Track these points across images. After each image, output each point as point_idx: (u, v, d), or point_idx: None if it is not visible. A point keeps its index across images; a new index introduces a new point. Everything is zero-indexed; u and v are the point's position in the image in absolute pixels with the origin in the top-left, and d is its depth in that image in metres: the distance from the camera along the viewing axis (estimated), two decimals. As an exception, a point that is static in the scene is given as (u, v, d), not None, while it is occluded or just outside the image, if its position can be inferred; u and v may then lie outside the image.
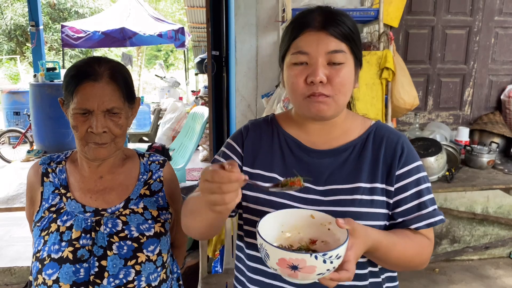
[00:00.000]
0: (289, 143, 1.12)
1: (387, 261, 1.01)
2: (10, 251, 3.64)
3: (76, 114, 1.18)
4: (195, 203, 1.01)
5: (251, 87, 3.10)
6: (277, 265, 0.81)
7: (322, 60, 0.98)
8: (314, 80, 0.97)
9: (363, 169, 1.05)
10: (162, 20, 9.55)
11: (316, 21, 0.99)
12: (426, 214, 1.05)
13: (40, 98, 6.31)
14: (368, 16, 2.72)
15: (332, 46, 0.98)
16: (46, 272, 1.17)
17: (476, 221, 3.59)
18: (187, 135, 5.34)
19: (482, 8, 3.29)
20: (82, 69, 1.19)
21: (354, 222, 0.89)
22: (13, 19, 15.86)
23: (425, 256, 1.06)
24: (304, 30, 1.00)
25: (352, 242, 0.87)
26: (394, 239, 1.00)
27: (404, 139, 1.10)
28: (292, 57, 1.01)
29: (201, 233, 1.07)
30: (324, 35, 0.98)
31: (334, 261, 0.80)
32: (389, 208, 1.05)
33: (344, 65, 0.99)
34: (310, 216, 0.94)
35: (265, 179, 1.08)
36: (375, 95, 2.64)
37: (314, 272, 0.79)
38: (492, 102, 3.50)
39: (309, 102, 1.00)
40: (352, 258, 0.86)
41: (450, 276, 3.37)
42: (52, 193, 1.27)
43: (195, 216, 1.00)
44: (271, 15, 3.00)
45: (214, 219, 0.96)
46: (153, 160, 1.39)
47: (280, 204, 1.01)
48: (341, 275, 0.83)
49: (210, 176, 0.81)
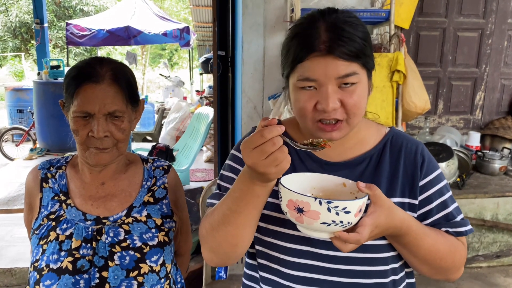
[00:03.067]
0: (299, 154, 1.05)
1: (417, 252, 0.95)
2: (11, 252, 3.59)
3: (77, 117, 1.12)
4: (229, 204, 0.91)
5: (258, 89, 3.04)
6: (286, 207, 0.82)
7: (332, 86, 0.89)
8: (326, 110, 0.89)
9: (381, 183, 1.00)
10: (167, 19, 9.53)
11: (321, 42, 0.88)
12: (454, 223, 1.00)
13: (44, 96, 6.30)
14: (378, 18, 2.66)
15: (342, 70, 0.88)
16: (44, 283, 1.12)
17: (486, 228, 3.52)
18: (192, 136, 5.29)
19: (495, 10, 3.22)
20: (83, 70, 1.14)
21: (378, 189, 0.85)
22: (18, 16, 15.91)
23: (458, 258, 1.00)
24: (309, 54, 0.89)
25: (372, 210, 0.84)
26: (426, 229, 0.95)
27: (423, 147, 1.05)
28: (299, 82, 0.92)
29: (238, 243, 0.94)
30: (332, 59, 0.88)
31: (340, 213, 0.77)
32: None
33: (357, 85, 0.91)
34: (342, 184, 0.91)
35: (274, 193, 0.99)
36: (386, 98, 2.57)
37: (318, 219, 0.78)
38: (504, 107, 3.43)
39: (320, 129, 0.93)
40: (368, 224, 0.82)
41: (459, 284, 3.30)
42: (52, 199, 1.21)
43: (236, 218, 0.90)
44: (279, 15, 2.95)
45: (261, 204, 0.90)
46: (157, 165, 1.33)
47: (292, 222, 0.95)
48: (350, 235, 0.80)
49: (259, 136, 0.78)
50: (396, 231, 0.90)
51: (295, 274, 1.00)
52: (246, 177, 0.86)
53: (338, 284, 0.98)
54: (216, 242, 0.95)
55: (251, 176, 0.84)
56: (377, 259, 0.98)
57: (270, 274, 1.05)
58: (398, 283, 1.03)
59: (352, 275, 0.98)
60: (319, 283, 0.99)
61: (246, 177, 0.85)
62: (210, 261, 1.00)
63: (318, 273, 0.99)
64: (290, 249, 1.00)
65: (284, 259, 1.01)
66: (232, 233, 0.92)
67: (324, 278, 0.99)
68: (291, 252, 1.00)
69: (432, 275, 1.01)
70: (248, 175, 0.85)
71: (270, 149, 0.78)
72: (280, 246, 1.01)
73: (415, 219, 0.95)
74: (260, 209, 0.91)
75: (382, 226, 0.86)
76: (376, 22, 2.76)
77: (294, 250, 1.00)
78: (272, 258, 1.03)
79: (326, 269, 0.98)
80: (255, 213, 0.91)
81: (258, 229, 1.05)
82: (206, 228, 0.97)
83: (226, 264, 1.04)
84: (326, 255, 0.98)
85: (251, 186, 0.85)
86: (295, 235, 0.99)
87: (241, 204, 0.89)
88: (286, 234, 1.01)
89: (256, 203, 0.88)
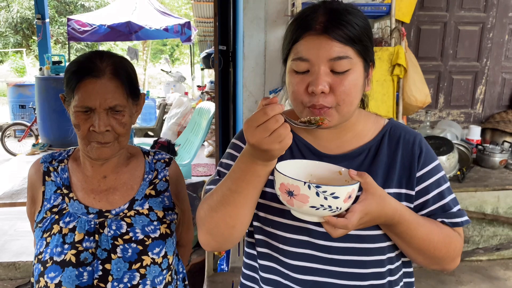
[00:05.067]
0: (299, 147, 1.06)
1: (411, 241, 0.95)
2: (14, 246, 3.62)
3: (78, 112, 1.13)
4: (228, 185, 0.92)
5: (259, 83, 3.04)
6: (279, 190, 0.85)
7: (324, 67, 0.89)
8: (315, 91, 0.89)
9: (379, 173, 1.00)
10: (168, 14, 9.50)
11: (317, 23, 0.89)
12: (450, 214, 1.01)
13: (46, 91, 6.31)
14: (379, 11, 2.66)
15: (335, 52, 0.88)
16: (49, 275, 1.14)
17: (486, 222, 3.52)
18: (193, 131, 5.30)
19: (496, 4, 3.21)
20: (84, 65, 1.14)
21: (370, 177, 0.86)
22: (19, 12, 15.89)
23: (453, 248, 1.00)
24: (304, 33, 0.90)
25: (363, 197, 0.86)
26: (420, 219, 0.96)
27: (421, 138, 1.05)
28: (293, 63, 0.93)
29: (236, 224, 0.95)
30: (326, 40, 0.88)
31: (328, 198, 0.80)
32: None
33: (349, 71, 0.91)
34: (338, 172, 0.93)
35: (273, 184, 1.02)
36: (386, 92, 2.58)
37: (307, 203, 0.81)
38: (505, 101, 3.43)
39: (310, 114, 0.93)
40: (357, 210, 0.84)
41: (459, 277, 3.31)
42: (54, 193, 1.23)
43: (235, 198, 0.91)
44: (280, 9, 2.94)
45: (261, 184, 0.91)
46: (158, 158, 1.34)
47: (290, 212, 0.96)
48: (338, 220, 0.82)
49: (262, 114, 0.80)
50: (388, 220, 0.91)
51: (293, 263, 1.02)
52: (247, 157, 0.87)
53: (336, 273, 0.99)
54: (214, 223, 0.95)
55: (253, 155, 0.85)
56: (374, 249, 0.99)
57: (269, 262, 1.06)
58: (394, 272, 1.04)
59: (349, 265, 0.99)
60: (317, 272, 1.00)
61: (248, 157, 0.87)
62: (206, 244, 1.00)
63: (316, 263, 1.00)
64: (289, 239, 1.02)
65: (283, 248, 1.03)
66: (230, 213, 0.93)
67: (322, 268, 1.00)
68: (290, 242, 1.02)
69: (427, 265, 1.02)
70: (249, 155, 0.86)
71: (274, 126, 0.79)
72: (279, 236, 1.03)
73: (409, 209, 0.96)
74: (259, 189, 0.93)
75: (372, 214, 0.87)
76: (377, 16, 2.76)
77: (293, 240, 1.01)
78: (272, 247, 1.05)
79: (324, 258, 1.00)
80: (254, 193, 0.92)
81: (258, 218, 1.07)
82: (204, 210, 0.97)
83: (222, 248, 1.05)
84: (324, 245, 0.99)
85: (253, 165, 0.87)
86: (294, 225, 1.01)
87: (241, 184, 0.90)
88: (285, 224, 1.02)
89: (257, 182, 0.90)
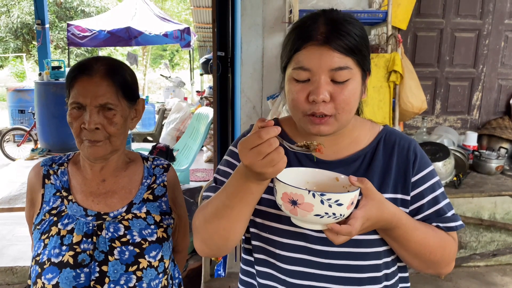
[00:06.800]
0: (296, 152, 1.08)
1: (407, 245, 0.97)
2: (12, 251, 3.62)
3: (71, 109, 1.17)
4: (222, 199, 0.93)
5: (257, 89, 3.06)
6: (281, 199, 0.85)
7: (325, 77, 0.91)
8: (316, 100, 0.91)
9: (374, 179, 1.01)
10: (168, 20, 9.54)
11: (319, 33, 0.91)
12: (445, 219, 1.03)
13: (45, 96, 6.32)
14: (376, 18, 2.69)
15: (336, 62, 0.91)
16: (46, 277, 1.15)
17: (483, 227, 3.54)
18: (192, 136, 5.31)
19: (492, 11, 3.24)
20: (81, 66, 1.19)
21: (369, 183, 0.87)
22: (19, 17, 15.94)
23: (448, 252, 1.02)
24: (306, 43, 0.92)
25: (364, 203, 0.87)
26: (416, 223, 0.98)
27: (415, 144, 1.07)
28: (293, 72, 0.94)
29: (230, 236, 0.95)
30: (327, 50, 0.91)
31: (333, 205, 0.80)
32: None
33: (349, 81, 0.93)
34: (335, 179, 0.94)
35: (271, 190, 1.03)
36: (383, 98, 2.60)
37: (311, 211, 0.81)
38: (501, 107, 3.45)
39: (309, 122, 0.95)
40: (359, 216, 0.85)
41: (456, 283, 3.32)
42: (53, 195, 1.24)
43: (228, 213, 0.92)
44: (277, 16, 2.97)
45: (254, 201, 0.91)
46: (157, 164, 1.36)
47: (287, 218, 0.98)
48: (342, 227, 0.83)
49: (256, 138, 0.79)
50: (387, 224, 0.92)
51: (290, 269, 1.03)
52: (241, 175, 0.87)
53: (332, 278, 1.00)
54: (208, 234, 0.97)
55: (246, 174, 0.85)
56: (370, 254, 1.00)
57: (266, 268, 1.07)
58: (390, 277, 1.05)
59: (345, 270, 1.00)
60: (314, 277, 1.01)
61: (242, 174, 0.87)
62: (201, 251, 1.02)
63: (312, 268, 1.01)
64: (286, 244, 1.03)
65: (280, 253, 1.04)
66: (224, 226, 0.94)
67: (318, 273, 1.01)
68: (287, 247, 1.03)
69: (423, 269, 1.03)
70: (243, 173, 0.86)
71: (267, 150, 0.79)
72: (276, 241, 1.04)
73: (406, 213, 0.98)
74: (253, 205, 0.93)
75: (373, 219, 0.88)
76: (373, 23, 2.79)
77: (290, 245, 1.02)
78: (269, 253, 1.06)
79: (320, 263, 1.01)
80: (248, 209, 0.92)
81: (255, 224, 1.08)
82: (199, 220, 0.99)
83: (217, 255, 1.06)
84: (320, 250, 1.00)
85: (246, 183, 0.87)
86: (291, 230, 1.02)
87: (234, 200, 0.90)
88: (281, 230, 1.03)
89: (250, 199, 0.90)
